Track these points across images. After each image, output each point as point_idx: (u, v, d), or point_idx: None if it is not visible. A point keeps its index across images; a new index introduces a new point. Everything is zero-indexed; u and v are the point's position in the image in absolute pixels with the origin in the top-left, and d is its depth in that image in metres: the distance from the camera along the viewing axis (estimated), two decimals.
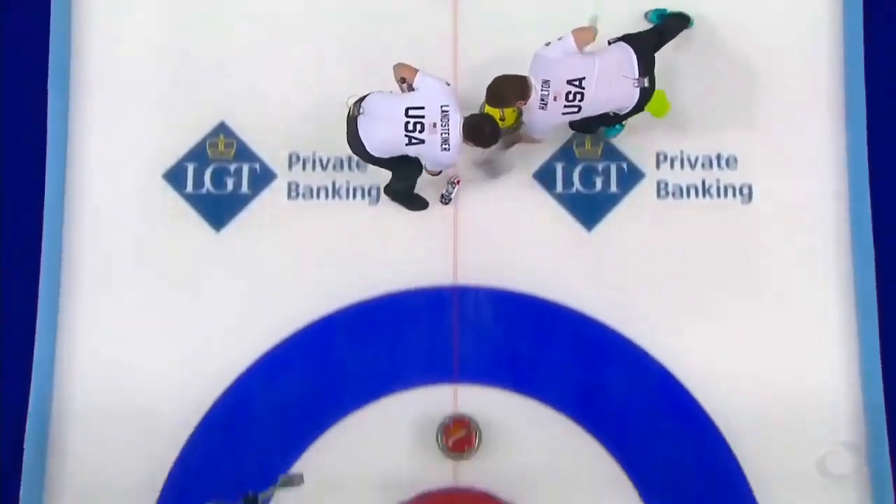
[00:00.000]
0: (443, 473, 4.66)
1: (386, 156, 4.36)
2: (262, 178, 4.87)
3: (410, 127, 4.24)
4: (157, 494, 4.55)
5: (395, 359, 4.74)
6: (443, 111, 4.24)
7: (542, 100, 4.46)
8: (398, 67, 4.40)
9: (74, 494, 4.56)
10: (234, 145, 4.89)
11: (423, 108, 4.25)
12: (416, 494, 4.65)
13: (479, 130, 4.35)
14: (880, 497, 4.52)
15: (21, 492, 4.56)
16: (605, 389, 4.68)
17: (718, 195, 4.79)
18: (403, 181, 4.57)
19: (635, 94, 4.39)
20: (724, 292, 4.71)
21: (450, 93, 4.32)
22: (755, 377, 4.61)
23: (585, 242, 4.84)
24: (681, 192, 4.80)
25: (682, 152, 4.83)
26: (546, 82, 4.45)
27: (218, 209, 4.82)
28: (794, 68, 4.88)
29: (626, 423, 4.63)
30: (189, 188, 4.83)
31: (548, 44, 4.51)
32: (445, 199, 4.72)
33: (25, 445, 4.59)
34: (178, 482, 4.57)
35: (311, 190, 4.84)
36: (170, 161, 4.83)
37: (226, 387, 4.68)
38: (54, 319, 4.73)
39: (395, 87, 4.41)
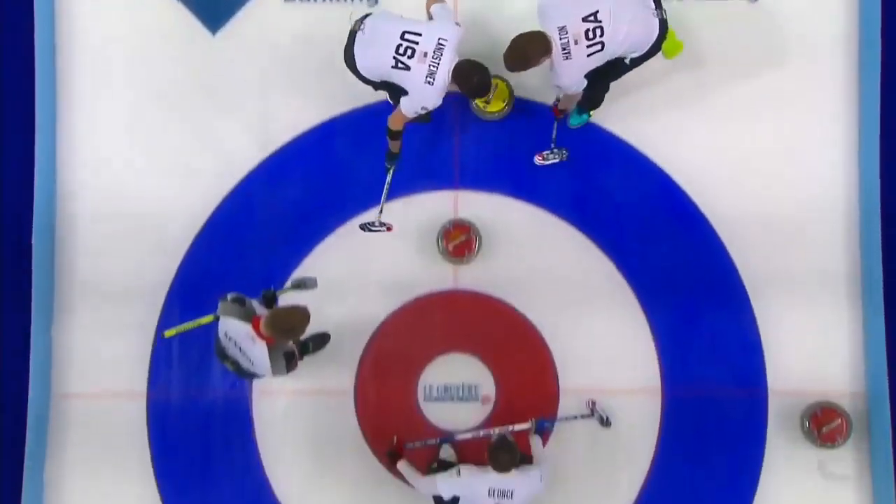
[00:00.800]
0: (443, 277, 4.79)
1: (374, 78, 4.17)
2: None
3: (402, 50, 4.03)
4: (165, 293, 4.68)
5: (397, 165, 4.76)
6: (439, 43, 4.02)
7: (564, 49, 4.23)
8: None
9: (84, 292, 4.69)
10: None
11: (420, 34, 4.03)
12: (417, 297, 4.81)
13: (468, 75, 4.14)
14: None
15: (33, 294, 4.70)
16: (603, 193, 4.73)
17: None
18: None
19: (655, 26, 4.13)
20: (725, 94, 4.68)
21: (455, 31, 4.06)
22: (754, 180, 4.64)
23: None
24: None
25: None
26: (562, 28, 4.24)
27: (212, 10, 4.74)
28: None
29: (623, 226, 4.71)
30: None
31: None
32: (366, 227, 4.49)
33: (34, 241, 4.70)
34: (186, 281, 4.70)
35: None
36: None
37: (229, 190, 4.74)
38: (53, 116, 4.74)
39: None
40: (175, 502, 4.63)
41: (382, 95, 4.65)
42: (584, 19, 4.27)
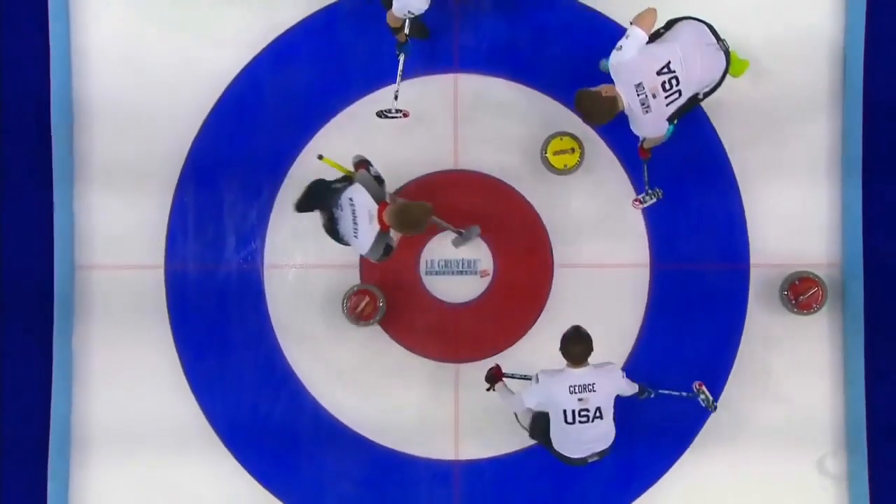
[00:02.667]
0: (444, 158, 4.98)
1: None
2: None
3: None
4: (179, 168, 4.90)
5: (408, 51, 4.82)
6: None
7: (643, 104, 4.34)
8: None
9: (102, 169, 4.91)
10: None
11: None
12: (420, 176, 4.98)
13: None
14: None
15: (54, 171, 4.90)
16: (599, 76, 4.87)
17: None
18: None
19: (722, 58, 4.24)
20: None
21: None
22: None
23: None
24: None
25: None
26: (638, 85, 4.31)
27: None
28: None
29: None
30: None
31: (618, 48, 4.31)
32: (383, 114, 4.57)
33: (52, 121, 4.89)
34: (199, 157, 4.91)
35: None
36: None
37: (237, 73, 4.91)
38: (66, 8, 4.89)
39: None
40: (193, 366, 4.91)
41: None
42: (659, 73, 4.33)
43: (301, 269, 4.96)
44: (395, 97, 4.67)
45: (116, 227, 4.92)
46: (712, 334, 4.94)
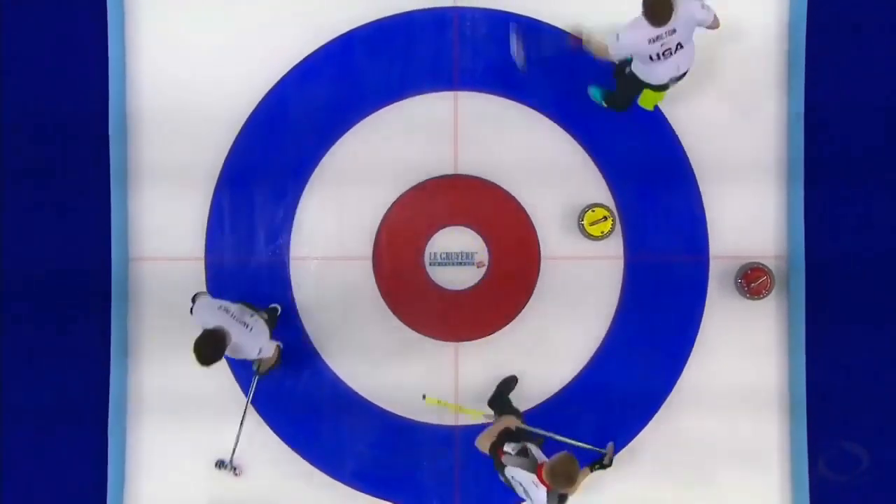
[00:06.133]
0: (446, 163, 5.51)
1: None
2: None
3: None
4: (218, 171, 5.45)
5: (406, 69, 5.48)
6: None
7: (662, 48, 4.58)
8: None
9: (152, 172, 5.47)
10: None
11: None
12: (424, 179, 5.48)
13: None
14: None
15: (112, 175, 5.47)
16: (582, 94, 5.44)
17: None
18: None
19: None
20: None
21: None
22: (701, 80, 5.34)
23: None
24: None
25: None
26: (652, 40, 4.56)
27: None
28: None
29: (594, 121, 5.44)
30: None
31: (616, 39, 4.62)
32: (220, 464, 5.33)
33: (110, 131, 5.45)
34: (236, 162, 5.47)
35: None
36: None
37: (266, 91, 5.48)
38: (122, 39, 5.49)
39: None
40: None
41: (392, 10, 5.45)
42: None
43: (322, 260, 5.51)
44: (233, 451, 5.29)
45: (163, 223, 5.47)
46: (677, 317, 5.48)
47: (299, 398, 5.47)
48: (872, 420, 5.40)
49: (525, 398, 5.32)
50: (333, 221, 5.45)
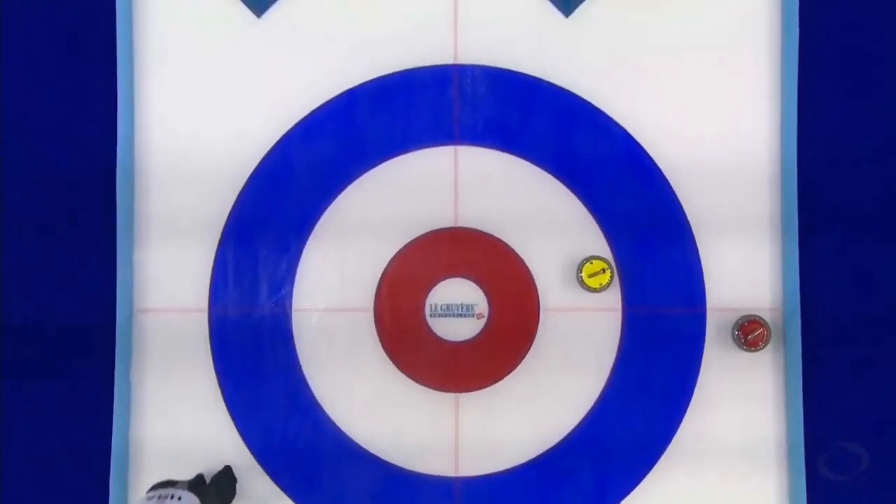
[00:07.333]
0: (446, 216, 5.56)
1: None
2: None
3: None
4: (222, 225, 5.53)
5: (407, 124, 5.60)
6: None
7: None
8: None
9: (157, 224, 5.54)
10: None
11: None
12: (424, 232, 5.55)
13: None
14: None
15: (118, 226, 5.54)
16: (578, 148, 5.54)
17: None
18: None
19: None
20: (673, 67, 5.47)
21: None
22: (697, 134, 5.45)
23: (564, 26, 5.67)
24: None
25: None
26: None
27: None
28: None
29: (592, 175, 5.53)
30: None
31: None
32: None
33: (118, 186, 5.52)
34: (237, 218, 5.54)
35: None
36: None
37: (271, 146, 5.58)
38: (131, 97, 5.59)
39: None
40: (233, 396, 5.49)
41: (393, 68, 5.59)
42: None
43: (323, 312, 5.57)
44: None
45: (168, 275, 5.53)
46: (676, 368, 5.52)
47: (299, 448, 5.47)
48: (870, 471, 5.43)
49: (523, 450, 5.37)
50: (335, 273, 5.53)
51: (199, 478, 5.38)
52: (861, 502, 5.46)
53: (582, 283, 5.54)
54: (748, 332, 5.43)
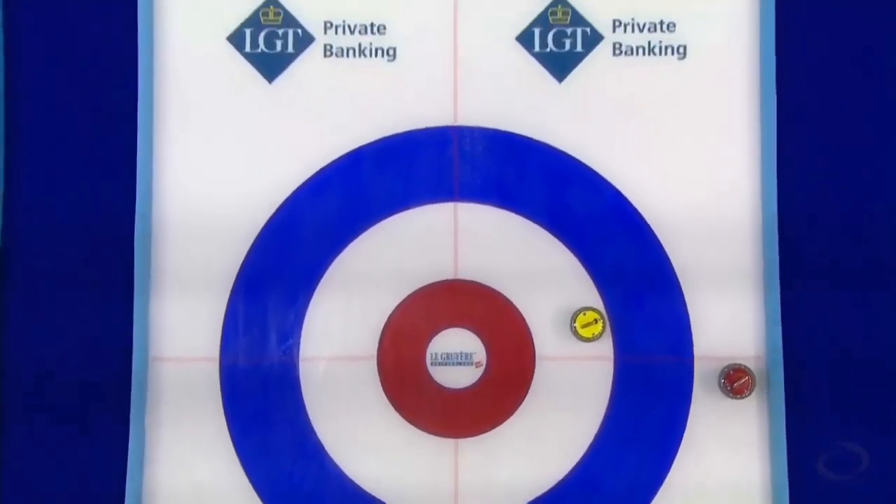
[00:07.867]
0: (446, 269, 5.62)
1: None
2: (304, 40, 5.91)
3: None
4: (232, 280, 5.45)
5: (409, 182, 5.88)
6: None
7: None
8: None
9: (172, 277, 5.44)
10: (281, 14, 5.97)
11: None
12: (424, 284, 5.48)
13: None
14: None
15: (135, 280, 5.75)
16: (571, 205, 5.79)
17: (661, 53, 5.90)
18: None
19: None
20: (660, 128, 5.54)
21: None
22: (679, 187, 5.29)
23: (558, 90, 5.99)
24: (631, 51, 5.92)
25: (633, 19, 5.94)
26: None
27: (270, 65, 5.82)
28: None
29: (585, 230, 5.54)
30: (247, 48, 5.94)
31: None
32: None
33: (136, 243, 5.42)
34: (248, 271, 5.55)
35: (342, 50, 5.94)
36: (232, 26, 5.92)
37: (280, 202, 5.60)
38: (150, 155, 5.80)
39: None
40: (242, 443, 5.48)
41: (396, 129, 5.87)
42: None
43: (329, 360, 5.80)
44: None
45: (181, 325, 5.79)
46: (665, 415, 5.71)
47: (307, 491, 5.63)
48: None
49: (521, 493, 5.48)
50: (341, 323, 5.69)
51: None
52: None
53: (575, 333, 5.78)
54: (734, 381, 5.54)
